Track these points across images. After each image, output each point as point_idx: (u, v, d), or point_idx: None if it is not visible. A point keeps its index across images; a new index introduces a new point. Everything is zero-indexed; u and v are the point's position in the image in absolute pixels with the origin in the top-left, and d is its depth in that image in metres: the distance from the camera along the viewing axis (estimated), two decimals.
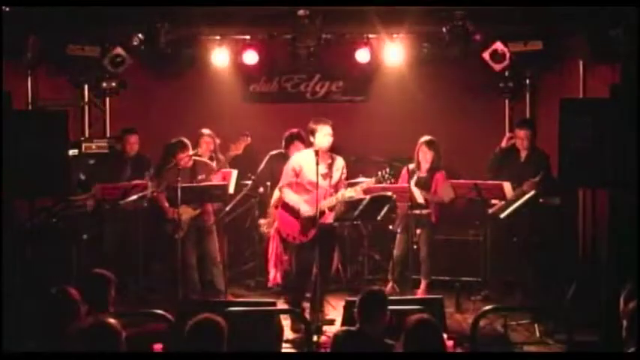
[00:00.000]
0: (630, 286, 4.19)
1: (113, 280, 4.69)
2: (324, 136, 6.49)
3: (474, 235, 7.97)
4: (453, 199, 7.33)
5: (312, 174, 6.47)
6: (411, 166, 7.48)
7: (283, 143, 7.58)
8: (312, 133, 6.54)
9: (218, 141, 8.01)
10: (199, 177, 7.27)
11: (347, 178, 6.84)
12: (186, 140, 7.35)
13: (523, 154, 7.47)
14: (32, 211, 6.98)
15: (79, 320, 3.96)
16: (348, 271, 8.34)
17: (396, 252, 7.62)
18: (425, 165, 7.56)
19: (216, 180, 7.39)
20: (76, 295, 4.10)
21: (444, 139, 7.95)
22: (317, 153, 6.41)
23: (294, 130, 7.50)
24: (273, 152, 7.71)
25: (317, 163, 6.36)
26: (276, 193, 7.25)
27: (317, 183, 6.34)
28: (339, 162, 6.70)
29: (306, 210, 6.49)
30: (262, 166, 7.79)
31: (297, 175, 6.62)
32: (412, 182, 7.29)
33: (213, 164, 7.66)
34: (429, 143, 7.53)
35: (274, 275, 7.20)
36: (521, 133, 7.47)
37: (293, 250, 6.90)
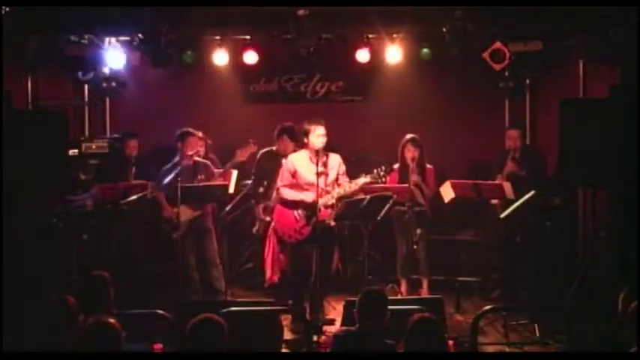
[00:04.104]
0: (630, 286, 4.20)
1: (111, 280, 4.68)
2: (317, 137, 6.50)
3: (474, 235, 7.96)
4: (453, 198, 7.32)
5: (307, 174, 6.50)
6: (396, 165, 7.44)
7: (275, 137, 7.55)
8: (306, 133, 6.56)
9: (209, 142, 7.99)
10: (199, 177, 7.27)
11: (347, 174, 6.79)
12: (192, 130, 7.40)
13: (516, 154, 7.61)
14: (32, 210, 6.98)
15: (76, 329, 3.95)
16: (348, 271, 8.33)
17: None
18: (414, 162, 7.52)
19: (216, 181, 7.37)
20: (73, 305, 4.09)
21: (443, 139, 7.94)
22: (317, 152, 6.42)
23: (285, 124, 7.43)
24: (263, 150, 7.69)
25: (316, 163, 6.38)
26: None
27: (317, 182, 6.35)
28: (334, 159, 6.70)
29: (308, 197, 6.50)
30: (255, 165, 7.72)
31: (292, 176, 6.64)
32: (410, 181, 7.27)
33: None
34: (414, 141, 7.49)
35: (270, 275, 7.20)
36: (513, 133, 7.67)
37: (289, 249, 6.90)
